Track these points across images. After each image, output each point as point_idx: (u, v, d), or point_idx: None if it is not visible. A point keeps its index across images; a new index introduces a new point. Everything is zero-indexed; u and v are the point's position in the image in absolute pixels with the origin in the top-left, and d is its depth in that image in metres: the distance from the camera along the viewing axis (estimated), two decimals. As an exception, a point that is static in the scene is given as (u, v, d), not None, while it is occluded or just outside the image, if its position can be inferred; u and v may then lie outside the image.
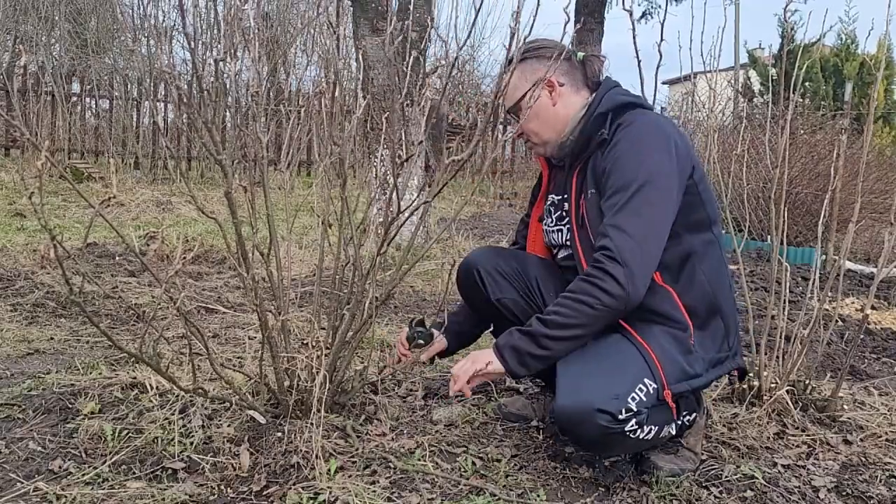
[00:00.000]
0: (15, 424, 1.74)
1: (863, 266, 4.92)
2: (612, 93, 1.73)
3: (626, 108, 1.70)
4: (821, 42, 11.57)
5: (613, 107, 1.69)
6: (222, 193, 1.60)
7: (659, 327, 1.61)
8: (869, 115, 2.10)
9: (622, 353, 1.57)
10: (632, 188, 1.57)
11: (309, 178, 8.58)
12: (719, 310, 1.67)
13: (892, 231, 1.97)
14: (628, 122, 1.66)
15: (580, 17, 10.52)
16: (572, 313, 1.55)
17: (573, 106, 1.76)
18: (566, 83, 1.76)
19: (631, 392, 1.49)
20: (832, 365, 2.59)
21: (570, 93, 1.77)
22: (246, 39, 1.70)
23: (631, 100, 1.72)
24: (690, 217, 1.65)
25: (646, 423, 1.51)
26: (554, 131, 1.78)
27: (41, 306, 2.84)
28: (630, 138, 1.63)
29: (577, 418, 1.48)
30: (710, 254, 1.68)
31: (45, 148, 1.22)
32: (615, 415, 1.46)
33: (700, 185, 1.66)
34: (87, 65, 10.00)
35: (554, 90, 1.75)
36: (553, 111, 1.76)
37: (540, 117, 1.77)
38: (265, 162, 1.75)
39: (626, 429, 1.48)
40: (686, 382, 1.59)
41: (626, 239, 1.54)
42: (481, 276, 1.89)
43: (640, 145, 1.62)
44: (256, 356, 1.98)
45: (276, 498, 1.46)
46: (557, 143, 1.79)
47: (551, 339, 1.56)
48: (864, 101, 10.08)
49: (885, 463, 1.78)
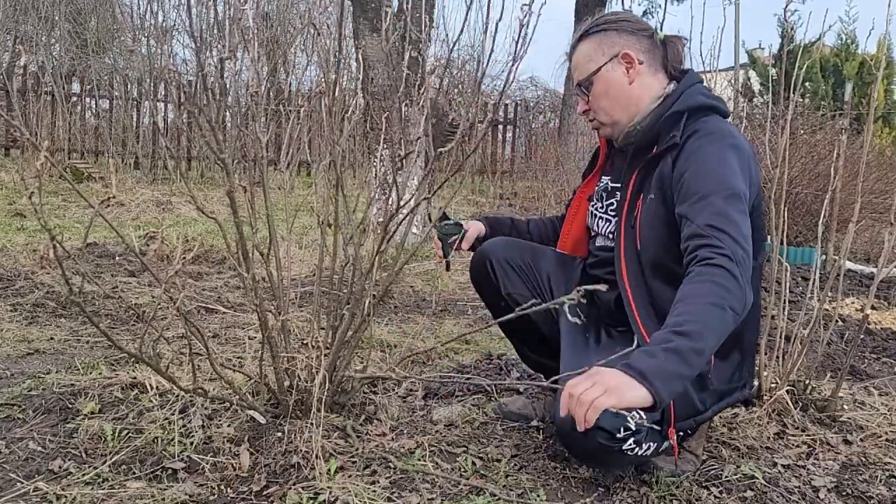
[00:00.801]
0: (15, 424, 1.74)
1: (863, 266, 4.91)
2: (693, 90, 1.60)
3: (702, 111, 1.58)
4: (821, 42, 11.57)
5: (691, 107, 1.58)
6: (222, 193, 1.60)
7: None
8: (869, 114, 2.10)
9: None
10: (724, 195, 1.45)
11: (309, 178, 8.57)
12: (741, 341, 1.60)
13: (892, 231, 1.97)
14: (707, 131, 1.53)
15: (580, 17, 10.53)
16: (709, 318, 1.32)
17: (650, 88, 1.63)
18: (645, 62, 1.63)
19: (633, 411, 1.40)
20: (832, 365, 2.59)
21: (649, 73, 1.64)
22: (245, 40, 1.70)
23: (711, 103, 1.60)
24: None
25: (644, 441, 1.48)
26: (626, 112, 1.65)
27: (41, 306, 2.84)
28: (711, 151, 1.51)
29: (576, 434, 1.36)
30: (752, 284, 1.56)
31: (44, 148, 1.22)
32: (613, 433, 1.43)
33: (756, 211, 1.55)
34: (87, 65, 10.00)
35: (632, 67, 1.62)
36: (628, 90, 1.63)
37: (612, 95, 1.64)
38: (265, 162, 1.75)
39: (624, 447, 1.45)
40: (693, 419, 1.57)
41: (739, 248, 1.40)
42: (493, 267, 1.86)
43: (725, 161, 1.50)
44: (256, 356, 1.98)
45: (276, 498, 1.46)
46: (626, 126, 1.66)
47: (698, 353, 1.29)
48: (863, 101, 10.08)
49: (885, 463, 1.78)
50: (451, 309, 3.28)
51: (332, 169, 1.82)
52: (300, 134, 1.94)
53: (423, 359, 2.41)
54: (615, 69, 1.63)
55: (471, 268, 1.93)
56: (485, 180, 9.56)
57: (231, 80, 1.68)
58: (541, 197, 7.67)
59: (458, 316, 3.15)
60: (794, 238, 5.28)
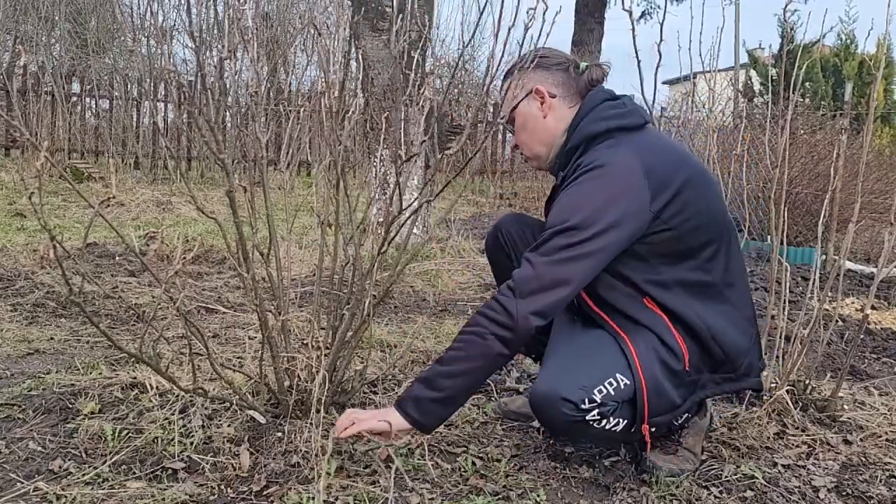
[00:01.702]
0: (15, 424, 1.74)
1: (863, 266, 4.91)
2: (589, 118, 1.62)
3: (597, 139, 1.60)
4: (821, 42, 11.57)
5: (584, 139, 1.61)
6: (222, 193, 1.60)
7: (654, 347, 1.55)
8: (869, 114, 2.10)
9: (602, 347, 1.57)
10: (556, 228, 1.51)
11: (309, 178, 8.57)
12: (715, 336, 1.58)
13: (892, 231, 1.97)
14: (587, 164, 1.56)
15: (580, 17, 10.53)
16: (463, 346, 1.51)
17: (564, 120, 1.68)
18: (559, 95, 1.68)
19: (599, 384, 1.49)
20: (832, 365, 2.59)
21: (563, 105, 1.69)
22: (245, 40, 1.70)
23: (606, 126, 1.60)
24: (668, 251, 1.56)
25: (612, 415, 1.50)
26: (544, 145, 1.72)
27: (41, 306, 2.84)
28: (579, 185, 1.55)
29: (543, 404, 1.50)
30: (697, 280, 1.59)
31: (44, 148, 1.23)
32: (577, 404, 1.47)
33: (675, 218, 1.53)
34: (87, 65, 10.00)
35: (545, 101, 1.68)
36: (543, 124, 1.70)
37: (529, 129, 1.72)
38: (265, 162, 1.75)
39: (588, 418, 1.49)
40: (670, 414, 1.58)
41: (530, 273, 1.49)
42: (504, 236, 1.90)
43: (586, 193, 1.53)
44: (256, 356, 1.98)
45: (276, 498, 1.46)
46: (548, 157, 1.73)
47: (446, 376, 1.51)
48: (863, 101, 10.08)
49: (885, 463, 1.78)
50: (451, 309, 3.28)
51: (333, 169, 1.82)
52: (300, 134, 1.94)
53: (423, 359, 2.42)
54: (530, 104, 1.69)
55: (486, 242, 1.99)
56: (485, 180, 9.55)
57: (231, 80, 1.68)
58: (541, 197, 7.67)
59: (458, 316, 3.15)
60: (794, 238, 5.28)
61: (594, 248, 1.49)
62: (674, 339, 1.56)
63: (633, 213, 1.51)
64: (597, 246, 1.49)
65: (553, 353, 1.62)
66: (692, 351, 1.57)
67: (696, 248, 1.58)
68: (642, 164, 1.53)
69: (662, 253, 1.57)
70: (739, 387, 1.67)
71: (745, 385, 1.67)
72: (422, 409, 1.52)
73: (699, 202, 1.57)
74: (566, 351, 1.60)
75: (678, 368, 1.56)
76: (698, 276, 1.60)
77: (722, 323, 1.60)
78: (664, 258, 1.57)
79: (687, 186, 1.55)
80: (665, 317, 1.58)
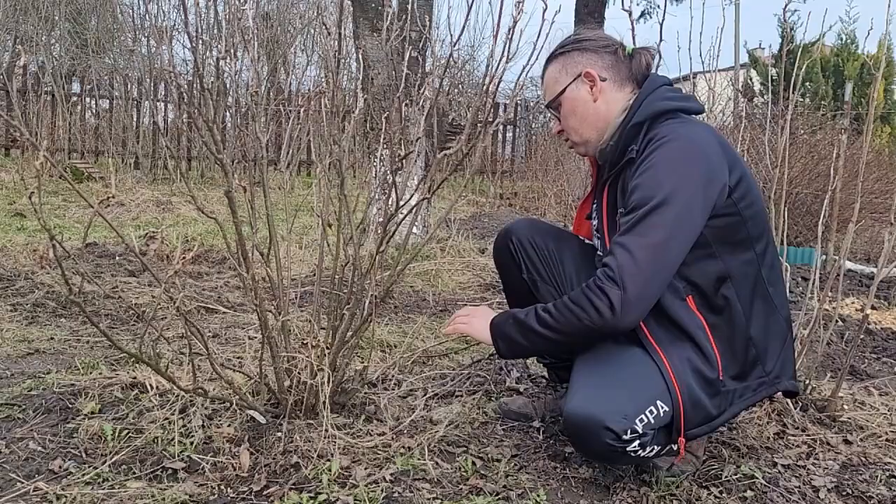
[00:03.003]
0: (15, 424, 1.74)
1: (863, 266, 4.91)
2: (653, 97, 1.60)
3: (664, 117, 1.58)
4: (821, 42, 11.57)
5: (650, 115, 1.58)
6: (222, 193, 1.60)
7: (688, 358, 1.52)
8: (869, 114, 2.10)
9: (640, 369, 1.52)
10: (646, 207, 1.47)
11: (309, 178, 8.57)
12: (751, 336, 1.57)
13: (892, 231, 1.97)
14: (661, 136, 1.53)
15: (580, 17, 10.53)
16: (562, 319, 1.52)
17: (616, 103, 1.64)
18: (609, 78, 1.65)
19: (641, 413, 1.45)
20: (832, 365, 2.59)
21: (614, 89, 1.65)
22: (245, 40, 1.70)
23: (672, 105, 1.59)
24: (730, 238, 1.55)
25: (650, 443, 1.48)
26: (595, 130, 1.67)
27: (41, 306, 2.84)
28: (657, 157, 1.51)
29: (583, 430, 1.46)
30: (748, 274, 1.57)
31: (44, 148, 1.22)
32: (620, 435, 1.43)
33: (741, 202, 1.54)
34: (87, 65, 9.99)
35: (595, 85, 1.64)
36: (594, 108, 1.65)
37: (579, 114, 1.67)
38: (265, 162, 1.75)
39: (629, 449, 1.46)
40: (707, 426, 1.55)
41: (631, 262, 1.45)
42: (514, 246, 1.86)
43: (666, 164, 1.50)
44: (256, 356, 1.98)
45: (276, 498, 1.46)
46: (598, 144, 1.68)
47: (537, 335, 1.57)
48: (863, 101, 10.07)
49: (885, 463, 1.78)
50: (451, 309, 3.28)
51: (333, 169, 1.82)
52: (300, 134, 1.94)
53: (423, 359, 2.42)
54: (579, 88, 1.66)
55: (495, 248, 1.94)
56: (485, 180, 9.55)
57: (231, 80, 1.68)
58: (541, 197, 7.67)
59: (458, 316, 3.15)
60: (794, 238, 5.28)
61: (686, 221, 1.47)
62: (709, 346, 1.54)
63: (715, 182, 1.50)
64: (688, 217, 1.47)
65: (587, 371, 1.56)
66: (725, 356, 1.55)
67: (753, 239, 1.57)
68: (715, 138, 1.55)
69: (723, 239, 1.54)
70: (776, 390, 1.64)
71: (781, 388, 1.63)
72: (510, 348, 1.65)
73: (755, 191, 1.59)
74: (602, 371, 1.54)
75: (712, 377, 1.53)
76: (752, 270, 1.58)
77: (762, 322, 1.59)
78: (725, 246, 1.54)
79: (747, 172, 1.57)
80: (704, 321, 1.55)
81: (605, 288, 1.46)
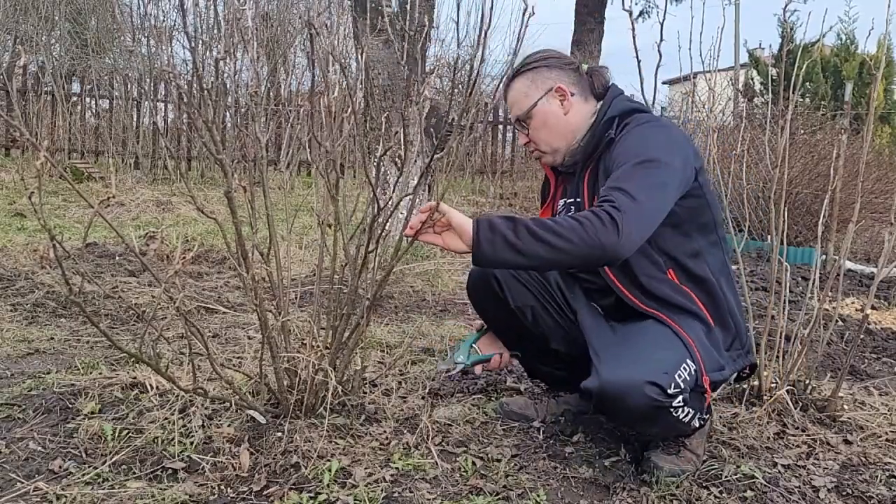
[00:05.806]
0: (15, 424, 1.74)
1: (863, 266, 4.91)
2: (620, 99, 1.77)
3: (632, 113, 1.73)
4: (821, 42, 11.56)
5: (621, 111, 1.73)
6: (222, 193, 1.60)
7: (691, 320, 1.66)
8: (869, 114, 2.10)
9: (664, 335, 1.61)
10: (634, 162, 1.58)
11: (309, 178, 8.57)
12: (730, 309, 1.72)
13: (892, 231, 1.97)
14: (637, 121, 1.70)
15: (580, 17, 10.53)
16: (567, 227, 1.48)
17: (583, 114, 1.78)
18: (576, 92, 1.79)
19: (677, 370, 1.53)
20: (832, 365, 2.59)
21: (581, 102, 1.79)
22: (245, 40, 1.70)
23: (637, 106, 1.77)
24: (698, 219, 1.69)
25: (688, 404, 1.55)
26: (564, 140, 1.79)
27: (41, 306, 2.84)
28: (635, 133, 1.67)
29: (624, 390, 1.49)
30: (715, 254, 1.74)
31: (44, 148, 1.22)
32: (665, 388, 1.49)
33: (705, 187, 1.70)
34: (87, 65, 9.99)
35: (566, 99, 1.77)
36: (565, 120, 1.78)
37: (550, 126, 1.78)
38: (265, 162, 1.75)
39: (674, 404, 1.51)
40: (719, 373, 1.65)
41: (629, 199, 1.52)
42: (500, 283, 1.88)
43: (646, 138, 1.65)
44: (256, 356, 1.98)
45: (276, 498, 1.46)
46: (567, 151, 1.80)
47: (531, 234, 1.48)
48: (863, 101, 10.07)
49: (885, 463, 1.78)
50: (451, 309, 3.28)
51: (333, 169, 1.82)
52: (300, 134, 1.94)
53: (423, 358, 2.41)
54: (550, 102, 1.77)
55: (472, 287, 1.95)
56: (485, 180, 9.55)
57: (231, 80, 1.68)
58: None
59: (458, 316, 3.15)
60: (794, 238, 5.28)
61: (671, 180, 1.59)
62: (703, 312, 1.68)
63: (689, 160, 1.65)
64: (673, 178, 1.60)
65: (606, 345, 1.63)
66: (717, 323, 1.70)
67: (715, 224, 1.74)
68: (680, 130, 1.73)
69: (693, 219, 1.68)
70: (748, 362, 1.78)
71: (750, 361, 1.79)
72: (492, 242, 1.50)
73: (710, 183, 1.76)
74: (622, 342, 1.63)
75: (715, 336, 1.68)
76: (718, 251, 1.74)
77: (733, 297, 1.76)
78: (694, 225, 1.69)
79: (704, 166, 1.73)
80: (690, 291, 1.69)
81: (611, 213, 1.50)
